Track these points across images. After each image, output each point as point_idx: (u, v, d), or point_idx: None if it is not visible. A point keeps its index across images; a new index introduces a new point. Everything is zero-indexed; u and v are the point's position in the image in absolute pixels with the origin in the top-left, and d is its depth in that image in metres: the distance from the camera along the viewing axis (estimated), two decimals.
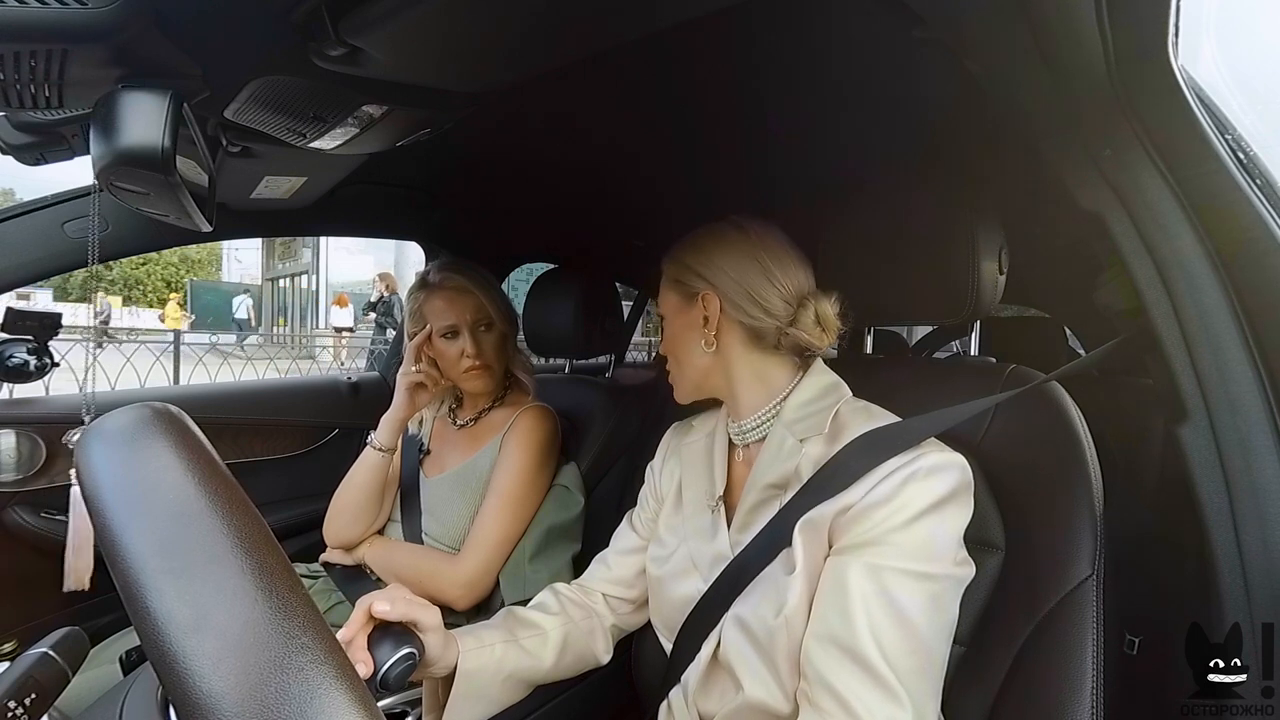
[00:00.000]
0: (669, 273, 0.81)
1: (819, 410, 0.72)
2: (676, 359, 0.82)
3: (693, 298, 0.77)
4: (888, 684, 0.56)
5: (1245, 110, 0.64)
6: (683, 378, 0.82)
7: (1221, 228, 0.61)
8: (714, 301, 0.75)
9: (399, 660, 0.61)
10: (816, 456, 0.69)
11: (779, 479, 0.71)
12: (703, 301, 0.76)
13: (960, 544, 0.63)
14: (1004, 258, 0.81)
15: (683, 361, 0.80)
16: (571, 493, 1.16)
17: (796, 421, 0.73)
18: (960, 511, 0.63)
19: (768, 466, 0.72)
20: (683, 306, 0.79)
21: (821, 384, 0.75)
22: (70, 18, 0.47)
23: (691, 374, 0.80)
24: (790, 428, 0.72)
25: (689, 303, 0.78)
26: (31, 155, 0.83)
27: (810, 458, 0.69)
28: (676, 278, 0.79)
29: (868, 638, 0.57)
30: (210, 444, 0.36)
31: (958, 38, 0.60)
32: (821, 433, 0.70)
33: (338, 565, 1.16)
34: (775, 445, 0.73)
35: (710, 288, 0.75)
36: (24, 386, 1.14)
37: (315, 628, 0.28)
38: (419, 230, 1.55)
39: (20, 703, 0.40)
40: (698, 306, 0.76)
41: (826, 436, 0.70)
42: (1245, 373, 0.60)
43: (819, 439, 0.70)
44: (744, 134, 1.08)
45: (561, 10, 0.58)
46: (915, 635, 0.58)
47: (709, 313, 0.76)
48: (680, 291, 0.79)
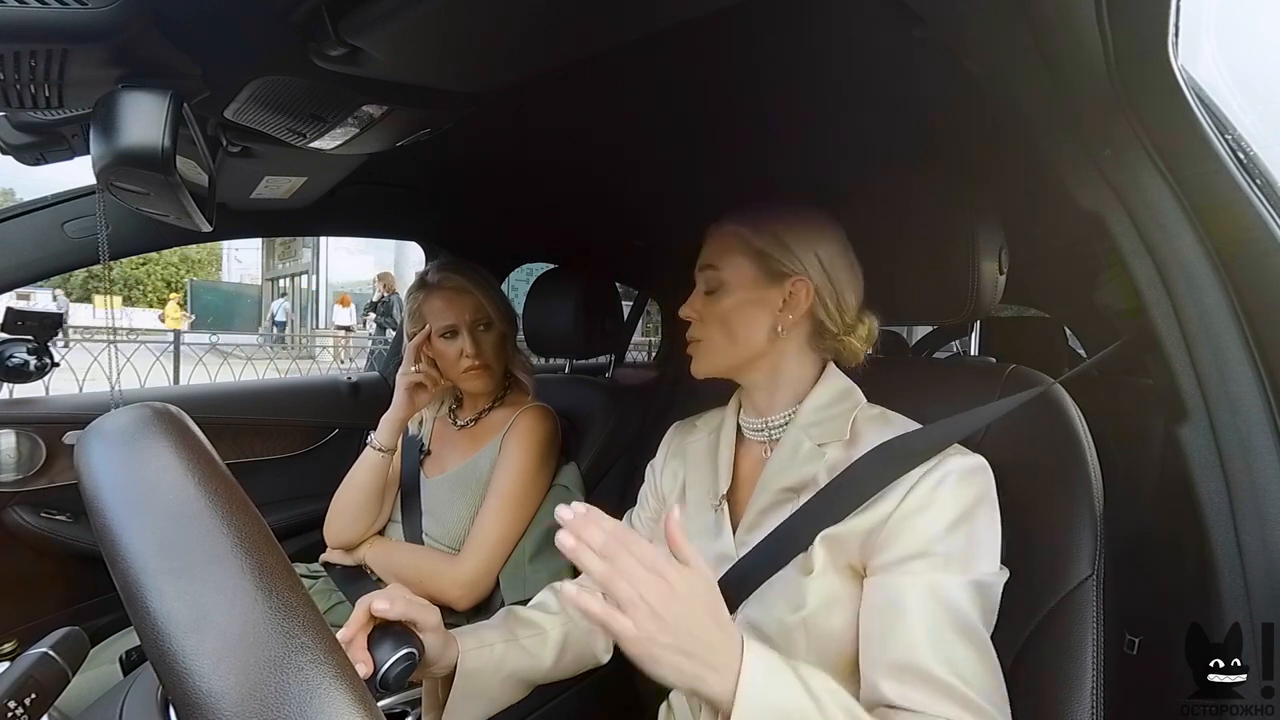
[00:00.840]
0: (750, 239, 0.74)
1: (836, 415, 0.72)
2: (729, 331, 0.74)
3: (779, 277, 0.73)
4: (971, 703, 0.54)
5: (1245, 110, 0.64)
6: (724, 352, 0.75)
7: (1221, 228, 0.61)
8: (807, 290, 0.72)
9: (399, 660, 0.61)
10: (834, 462, 0.68)
11: (795, 483, 0.70)
12: (792, 286, 0.72)
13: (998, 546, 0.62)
14: (1004, 258, 0.81)
15: (737, 336, 0.74)
16: (571, 493, 1.16)
17: (813, 425, 0.72)
18: (993, 512, 0.63)
19: (783, 469, 0.71)
20: (761, 281, 0.73)
21: (837, 389, 0.74)
22: (70, 18, 0.47)
23: (739, 352, 0.74)
24: (806, 431, 0.72)
25: (773, 281, 0.73)
26: (31, 155, 0.83)
27: (828, 463, 0.69)
28: (762, 249, 0.73)
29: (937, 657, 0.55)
30: (210, 444, 0.36)
31: (958, 38, 0.60)
32: (842, 439, 0.70)
33: (338, 565, 1.16)
34: (791, 448, 0.72)
35: (805, 275, 0.72)
36: (24, 386, 1.14)
37: (315, 628, 0.28)
38: (419, 230, 1.55)
39: (20, 703, 0.40)
40: (783, 289, 0.73)
41: (846, 443, 0.69)
42: (1245, 373, 0.59)
43: (838, 445, 0.69)
44: (744, 134, 1.08)
45: (561, 10, 0.58)
46: (984, 646, 0.57)
47: (794, 299, 0.73)
48: (763, 265, 0.73)
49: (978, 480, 0.63)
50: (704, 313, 0.77)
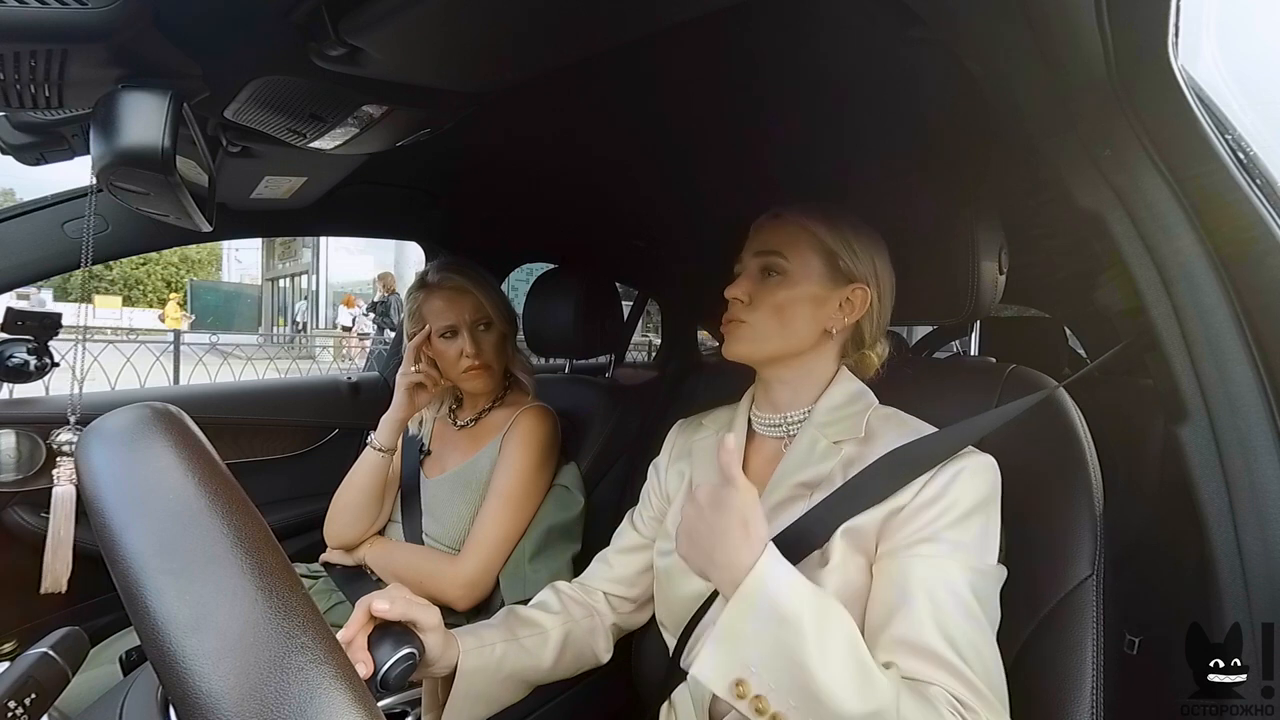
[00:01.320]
0: (823, 236, 0.75)
1: (850, 415, 0.73)
2: (784, 321, 0.74)
3: (844, 280, 0.75)
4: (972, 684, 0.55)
5: (1245, 110, 0.64)
6: (768, 341, 0.75)
7: (1221, 228, 0.61)
8: (865, 298, 0.75)
9: (399, 660, 0.61)
10: (850, 459, 0.70)
11: (811, 478, 0.71)
12: (853, 291, 0.75)
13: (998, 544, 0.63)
14: (1004, 258, 0.81)
15: (790, 328, 0.74)
16: (571, 493, 1.16)
17: (828, 424, 0.74)
18: (997, 511, 0.65)
19: (799, 465, 0.73)
20: (826, 279, 0.75)
21: (850, 390, 0.76)
22: (70, 18, 0.47)
23: (786, 344, 0.75)
24: (822, 429, 0.73)
25: (838, 281, 0.75)
26: (31, 155, 0.83)
27: (844, 460, 0.70)
28: (834, 250, 0.75)
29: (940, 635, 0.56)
30: (210, 444, 0.36)
31: (957, 38, 0.60)
32: (857, 437, 0.71)
33: (338, 565, 1.16)
34: (807, 445, 0.73)
35: (870, 282, 0.75)
36: (24, 386, 1.14)
37: (315, 628, 0.28)
38: (419, 230, 1.54)
39: (20, 703, 0.40)
40: (844, 291, 0.75)
41: (861, 441, 0.71)
42: (1245, 373, 0.59)
43: (854, 442, 0.71)
44: (744, 134, 1.08)
45: (561, 10, 0.58)
46: (984, 628, 0.58)
47: (851, 304, 0.75)
48: (831, 265, 0.75)
49: (989, 477, 0.65)
50: (757, 297, 0.76)
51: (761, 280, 0.76)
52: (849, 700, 0.50)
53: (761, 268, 0.76)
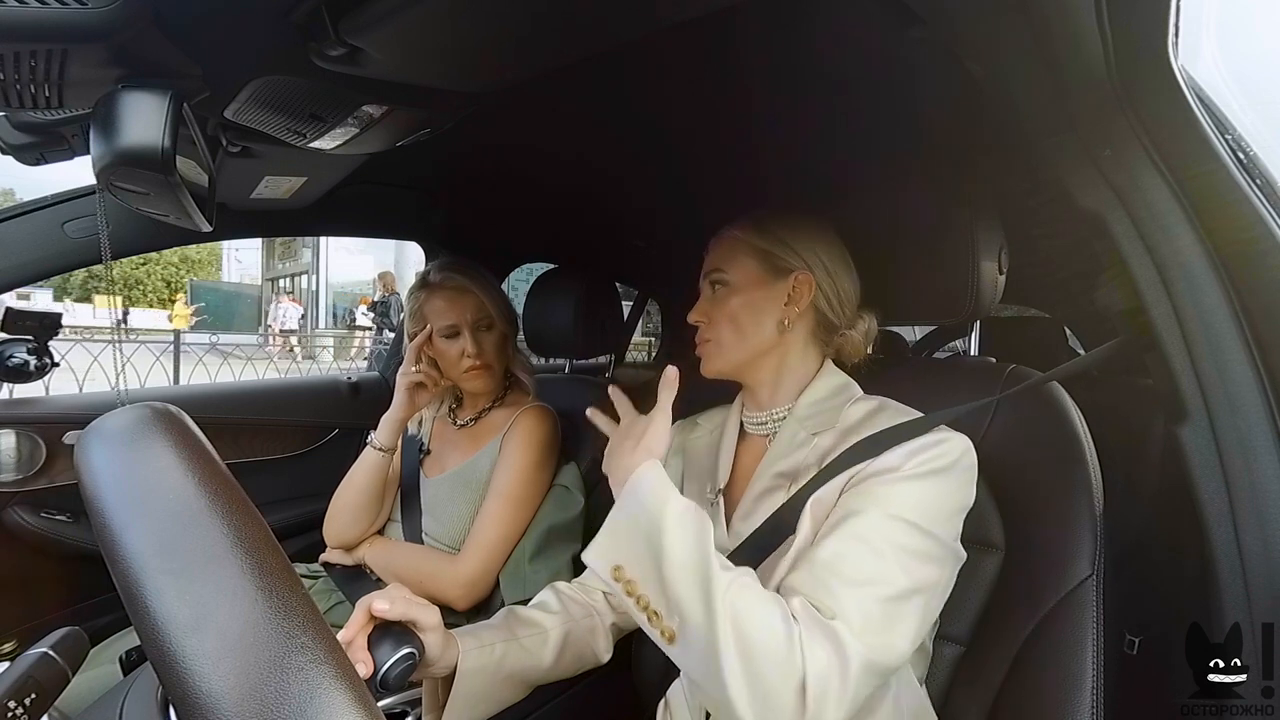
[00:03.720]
0: (753, 240, 0.78)
1: (830, 409, 0.75)
2: (738, 329, 0.78)
3: (783, 273, 0.76)
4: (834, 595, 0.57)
5: (1245, 110, 0.64)
6: (733, 351, 0.78)
7: (1221, 228, 0.61)
8: (809, 284, 0.76)
9: (399, 660, 0.60)
10: (825, 449, 0.71)
11: (790, 468, 0.72)
12: (795, 281, 0.76)
13: (958, 521, 0.64)
14: (1004, 258, 0.81)
15: (746, 334, 0.77)
16: (571, 493, 1.16)
17: (808, 417, 0.75)
18: (960, 487, 0.64)
19: (780, 456, 0.74)
20: (765, 279, 0.77)
21: (834, 384, 0.78)
22: (70, 18, 0.47)
23: (747, 349, 0.78)
24: (802, 422, 0.75)
25: (776, 278, 0.77)
26: (31, 155, 0.83)
27: (819, 449, 0.71)
28: (765, 249, 0.77)
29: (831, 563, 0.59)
30: (210, 444, 0.36)
31: (957, 38, 0.60)
32: (832, 427, 0.73)
33: (338, 565, 1.16)
34: (788, 438, 0.75)
35: (806, 269, 0.76)
36: (24, 386, 1.14)
37: (315, 628, 0.28)
38: (419, 230, 1.55)
39: (20, 703, 0.40)
40: (786, 284, 0.76)
41: (837, 431, 0.72)
42: (1245, 373, 0.59)
43: (829, 433, 0.72)
44: (744, 134, 1.08)
45: (561, 11, 0.58)
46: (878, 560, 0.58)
47: (798, 293, 0.76)
48: (767, 264, 0.77)
49: (951, 449, 0.64)
50: (712, 314, 0.80)
51: (712, 298, 0.80)
52: (689, 592, 0.55)
53: (710, 285, 0.81)
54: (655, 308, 2.35)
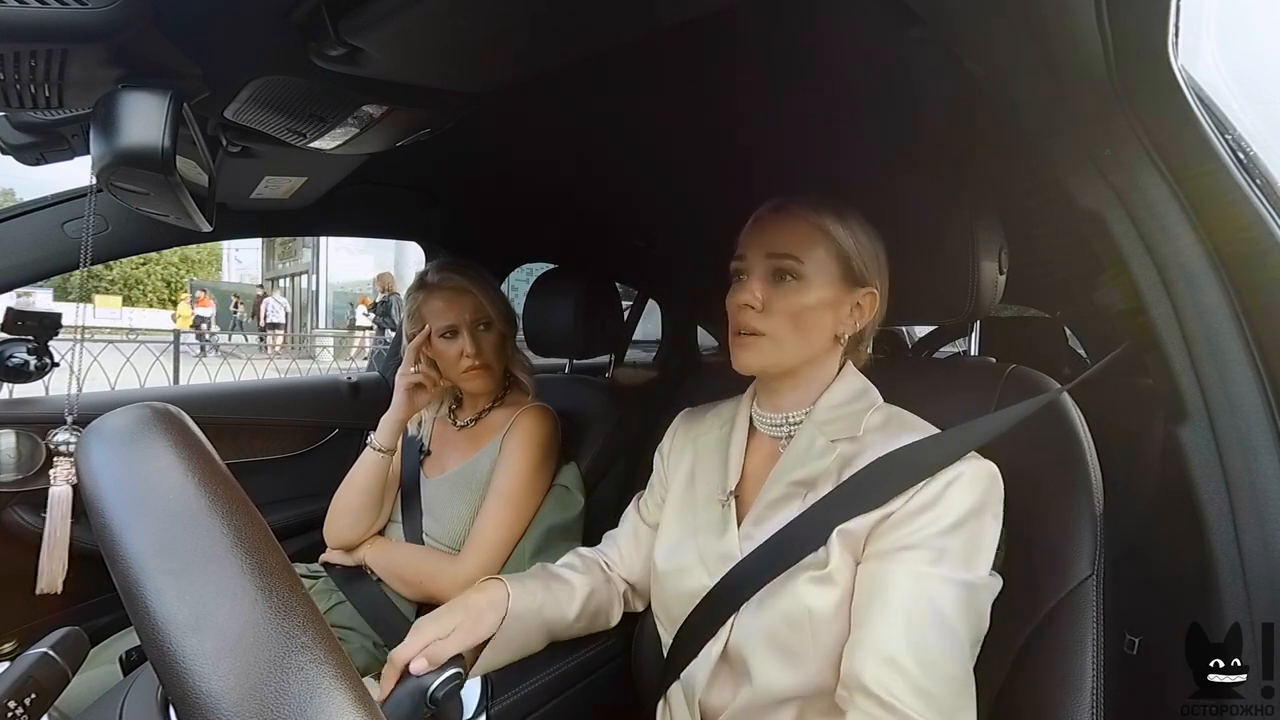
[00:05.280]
0: (838, 237, 0.71)
1: (850, 414, 0.72)
2: (802, 331, 0.70)
3: (857, 283, 0.72)
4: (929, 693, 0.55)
5: (1245, 110, 0.64)
6: (789, 351, 0.71)
7: (1221, 228, 0.61)
8: (873, 303, 0.74)
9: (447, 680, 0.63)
10: (846, 457, 0.69)
11: (807, 476, 0.70)
12: (864, 296, 0.73)
13: (993, 554, 0.63)
14: (1004, 258, 0.81)
15: (808, 338, 0.71)
16: (571, 493, 1.16)
17: (828, 423, 0.73)
18: (995, 520, 0.64)
19: (797, 463, 0.72)
20: (842, 286, 0.71)
21: (854, 387, 0.75)
22: (70, 18, 0.47)
23: (802, 353, 0.72)
24: (821, 428, 0.72)
25: (851, 286, 0.72)
26: (31, 155, 0.83)
27: (840, 459, 0.69)
28: (847, 252, 0.71)
29: (907, 646, 0.57)
30: (210, 444, 0.36)
31: (958, 38, 0.60)
32: (855, 436, 0.70)
33: (338, 565, 1.16)
34: (805, 443, 0.73)
35: (877, 285, 0.74)
36: (24, 386, 1.14)
37: (315, 628, 0.28)
38: (419, 230, 1.55)
39: (20, 703, 0.40)
40: (857, 295, 0.72)
41: (858, 440, 0.70)
42: (1245, 373, 0.59)
43: (850, 441, 0.70)
44: (744, 134, 1.08)
45: (561, 10, 0.58)
46: (958, 643, 0.58)
47: (861, 310, 0.74)
48: (846, 267, 0.71)
49: (987, 485, 0.64)
50: (771, 304, 0.70)
51: (774, 285, 0.71)
52: None
53: (774, 270, 0.71)
54: None
